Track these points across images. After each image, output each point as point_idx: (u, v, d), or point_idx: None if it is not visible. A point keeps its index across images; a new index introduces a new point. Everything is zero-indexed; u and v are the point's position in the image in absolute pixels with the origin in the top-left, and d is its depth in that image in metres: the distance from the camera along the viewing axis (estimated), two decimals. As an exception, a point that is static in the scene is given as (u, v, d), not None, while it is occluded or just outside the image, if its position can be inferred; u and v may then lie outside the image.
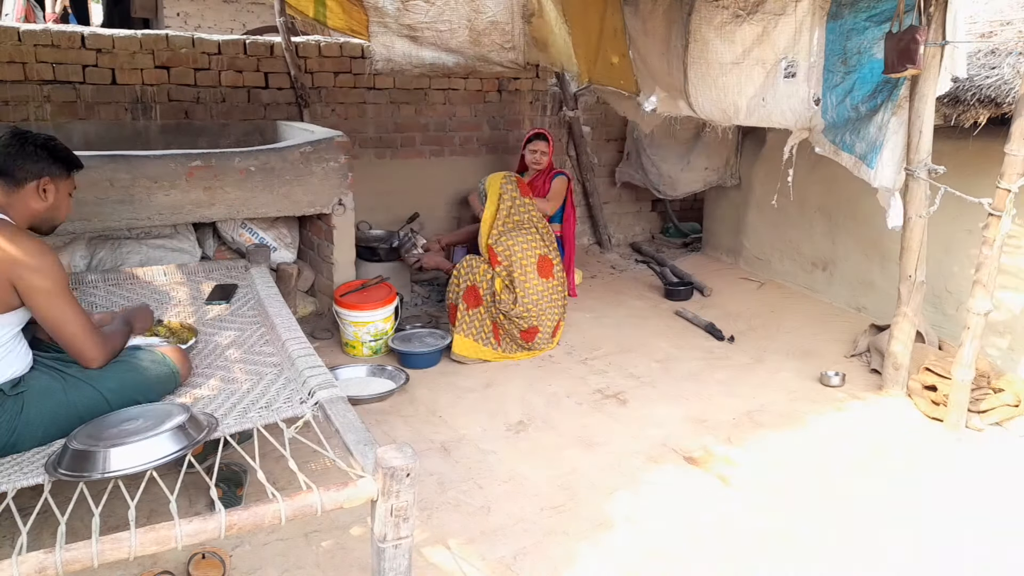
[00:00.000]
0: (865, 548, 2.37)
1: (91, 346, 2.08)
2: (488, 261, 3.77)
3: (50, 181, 2.14)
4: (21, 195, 2.10)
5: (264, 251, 3.41)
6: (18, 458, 1.93)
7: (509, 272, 3.71)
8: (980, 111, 3.28)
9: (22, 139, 2.12)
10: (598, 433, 3.05)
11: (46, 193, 2.14)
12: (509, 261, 3.71)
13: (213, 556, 2.10)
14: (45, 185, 2.13)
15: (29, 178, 2.10)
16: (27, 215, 2.13)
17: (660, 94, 4.02)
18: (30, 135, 2.15)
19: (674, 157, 5.67)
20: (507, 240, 3.75)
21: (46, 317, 2.02)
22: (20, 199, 2.10)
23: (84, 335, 2.07)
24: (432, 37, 4.26)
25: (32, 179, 2.11)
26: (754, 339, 4.12)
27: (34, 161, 2.11)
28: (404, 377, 3.44)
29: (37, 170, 2.11)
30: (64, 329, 2.04)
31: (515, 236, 3.77)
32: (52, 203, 2.17)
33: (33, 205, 2.13)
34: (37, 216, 2.16)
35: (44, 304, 2.00)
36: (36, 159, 2.11)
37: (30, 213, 2.13)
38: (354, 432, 1.85)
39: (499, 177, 3.89)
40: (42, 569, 1.39)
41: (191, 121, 4.46)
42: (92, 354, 2.09)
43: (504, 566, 2.22)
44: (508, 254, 3.72)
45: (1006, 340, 3.56)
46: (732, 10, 3.39)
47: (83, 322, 2.06)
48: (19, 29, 4.04)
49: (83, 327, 2.06)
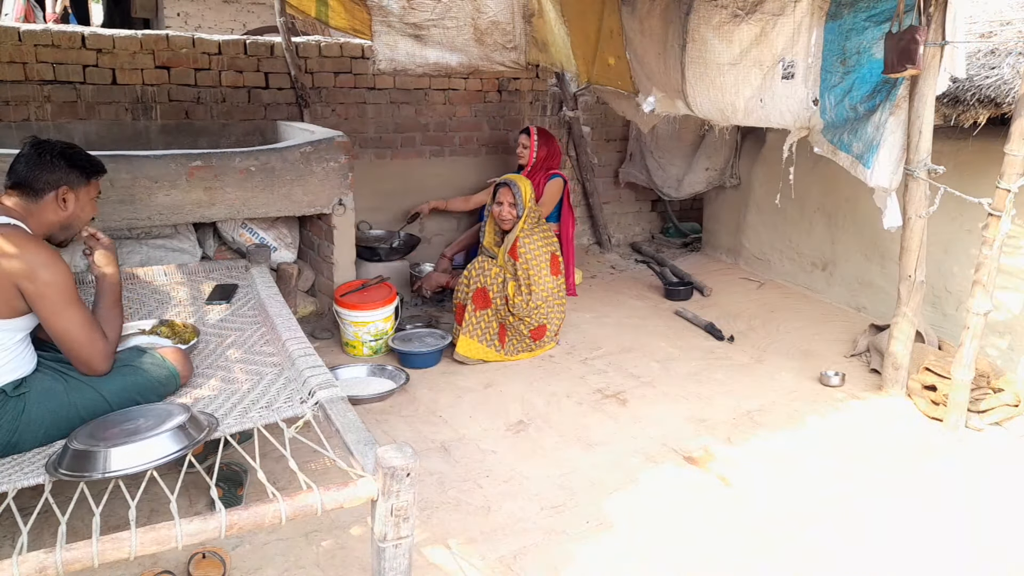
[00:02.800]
0: (865, 548, 2.37)
1: (96, 356, 2.08)
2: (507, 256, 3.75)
3: (69, 190, 2.16)
4: (41, 205, 2.12)
5: (264, 251, 3.41)
6: (19, 458, 1.93)
7: (527, 270, 3.71)
8: (980, 111, 3.28)
9: (40, 149, 2.13)
10: (598, 433, 3.05)
11: (65, 203, 2.16)
12: (525, 260, 3.72)
13: (213, 556, 2.10)
14: (64, 195, 2.15)
15: (47, 188, 2.12)
16: (46, 224, 2.15)
17: (658, 94, 4.03)
18: (48, 144, 2.16)
19: (679, 158, 5.68)
20: (523, 236, 3.76)
21: (52, 326, 2.02)
22: (40, 209, 2.12)
23: (88, 346, 2.06)
24: (438, 36, 4.25)
25: (50, 189, 2.12)
26: (754, 339, 4.12)
27: (51, 171, 2.12)
28: (404, 377, 3.44)
29: (55, 180, 2.13)
30: (69, 339, 2.04)
31: (529, 233, 3.79)
32: (72, 212, 2.19)
33: (52, 215, 2.15)
34: (56, 225, 2.18)
35: (49, 313, 2.00)
36: (53, 169, 2.12)
37: (49, 222, 2.15)
38: (354, 432, 1.85)
39: (529, 183, 3.89)
40: (42, 569, 1.39)
41: (191, 121, 4.47)
42: (97, 364, 2.09)
43: (504, 566, 2.22)
44: (525, 252, 3.74)
45: (1006, 340, 3.56)
46: (731, 10, 3.39)
47: (88, 334, 2.06)
48: (19, 29, 4.05)
49: (88, 338, 2.06)
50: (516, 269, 3.71)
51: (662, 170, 5.80)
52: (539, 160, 4.67)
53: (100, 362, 2.10)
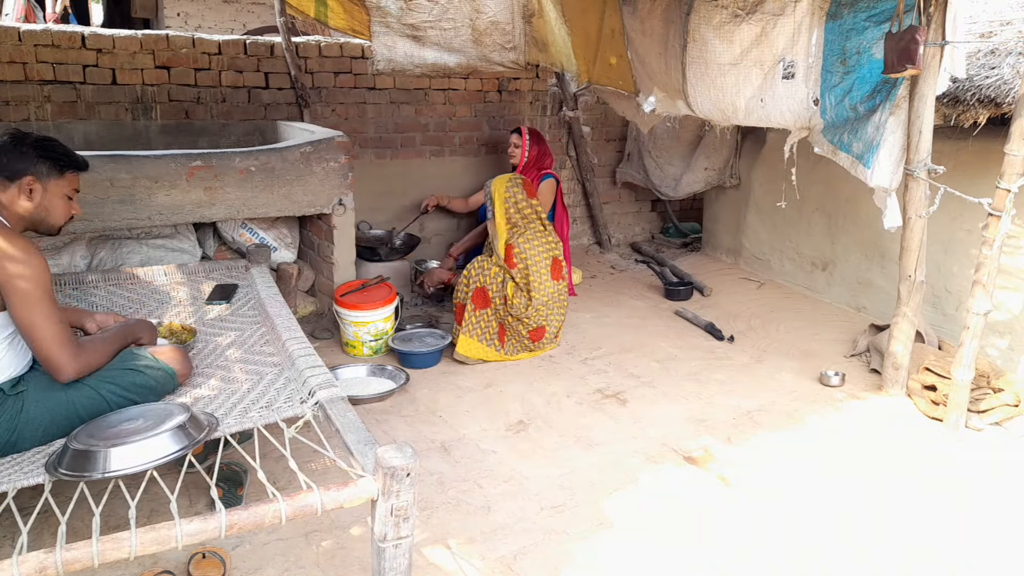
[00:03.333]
0: (865, 547, 2.37)
1: (61, 357, 2.01)
2: (502, 262, 3.75)
3: (35, 180, 2.12)
4: (10, 195, 2.10)
5: (264, 251, 3.41)
6: (18, 458, 1.93)
7: (525, 275, 3.70)
8: (980, 111, 3.28)
9: (17, 139, 2.12)
10: (598, 433, 3.05)
11: (32, 193, 2.12)
12: (525, 264, 3.70)
13: (213, 556, 2.10)
14: (30, 184, 2.11)
15: (15, 177, 2.09)
16: (17, 215, 2.12)
17: (658, 94, 4.03)
18: (24, 135, 2.14)
19: (677, 158, 5.68)
20: (524, 242, 3.74)
21: (20, 320, 1.97)
22: (10, 198, 2.10)
23: (56, 345, 2.00)
24: (435, 37, 4.25)
25: (17, 177, 2.10)
26: (754, 339, 4.12)
27: (20, 160, 2.10)
28: (404, 377, 3.44)
29: (22, 168, 2.10)
30: (35, 335, 1.98)
31: (530, 238, 3.77)
32: (39, 203, 2.14)
33: (20, 205, 2.11)
34: (27, 216, 2.14)
35: (19, 306, 1.96)
36: (23, 158, 2.10)
37: (18, 214, 2.12)
38: (354, 432, 1.85)
39: (504, 180, 3.89)
40: (42, 569, 1.39)
41: (191, 121, 4.47)
42: (61, 365, 2.01)
43: (504, 566, 2.22)
44: (524, 256, 3.72)
45: (1006, 340, 3.56)
46: (731, 10, 3.39)
47: (57, 331, 2.00)
48: (19, 29, 4.04)
49: (56, 336, 1.99)
50: (515, 275, 3.71)
51: (660, 170, 5.80)
52: (531, 159, 4.69)
53: (64, 364, 2.01)
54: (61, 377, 2.03)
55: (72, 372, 2.04)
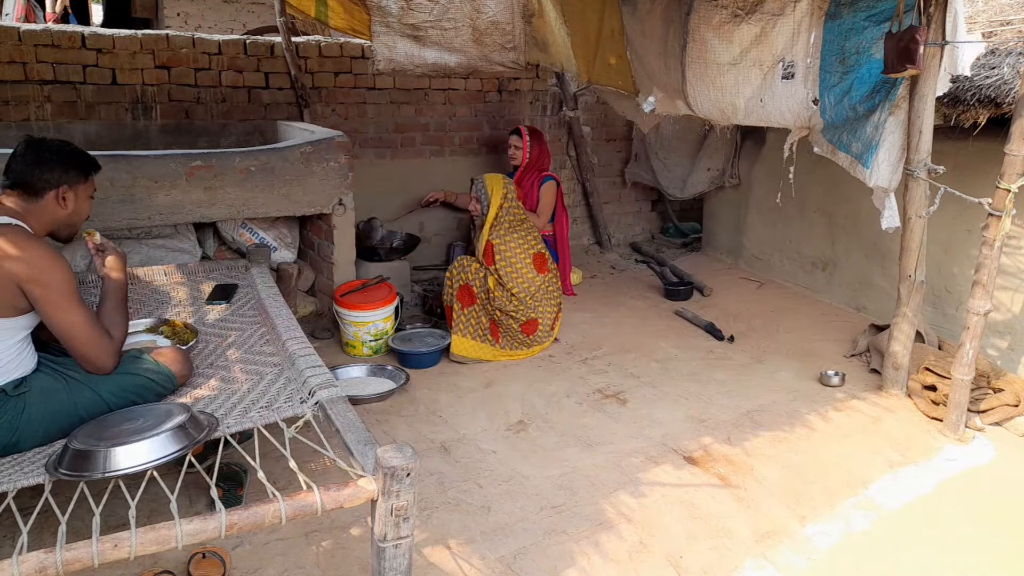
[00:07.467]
0: (865, 548, 2.37)
1: (101, 354, 2.08)
2: (482, 259, 3.82)
3: (69, 189, 2.16)
4: (41, 205, 2.12)
5: (264, 251, 3.41)
6: (19, 458, 1.93)
7: (507, 271, 3.76)
8: (980, 111, 3.29)
9: (37, 147, 2.13)
10: (598, 433, 3.05)
11: (65, 201, 2.16)
12: (505, 260, 3.77)
13: (213, 556, 2.10)
14: (64, 193, 2.15)
15: (48, 188, 2.11)
16: (46, 223, 2.15)
17: (658, 94, 4.03)
18: (44, 142, 2.15)
19: (683, 158, 5.70)
20: (505, 240, 3.81)
21: (56, 325, 2.02)
22: (40, 208, 2.12)
23: (95, 343, 2.06)
24: (436, 36, 4.25)
25: (51, 188, 2.12)
26: (754, 339, 4.12)
27: (50, 170, 2.12)
28: (404, 377, 3.44)
29: (55, 179, 2.12)
30: (74, 338, 2.04)
31: (512, 236, 3.84)
32: (72, 209, 2.19)
33: (53, 214, 2.14)
34: (57, 223, 2.18)
35: (52, 312, 2.00)
36: (52, 168, 2.12)
37: (49, 221, 2.15)
38: (354, 432, 1.85)
39: (500, 180, 3.92)
40: (43, 569, 1.39)
41: (191, 121, 4.47)
42: (103, 361, 2.09)
43: (504, 565, 2.22)
44: (506, 251, 3.79)
45: (1006, 340, 3.56)
46: (731, 10, 3.39)
47: (94, 330, 2.06)
48: (19, 29, 4.04)
49: (94, 335, 2.06)
50: (496, 271, 3.76)
51: (667, 170, 5.81)
52: (532, 160, 4.70)
53: (106, 359, 2.09)
54: (105, 370, 2.10)
55: (113, 364, 2.12)
